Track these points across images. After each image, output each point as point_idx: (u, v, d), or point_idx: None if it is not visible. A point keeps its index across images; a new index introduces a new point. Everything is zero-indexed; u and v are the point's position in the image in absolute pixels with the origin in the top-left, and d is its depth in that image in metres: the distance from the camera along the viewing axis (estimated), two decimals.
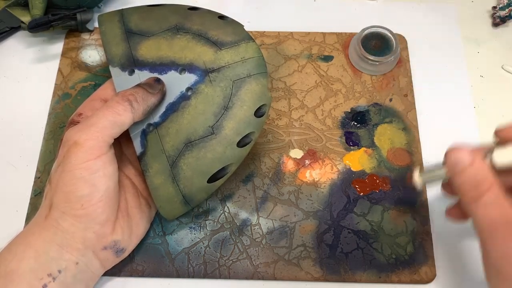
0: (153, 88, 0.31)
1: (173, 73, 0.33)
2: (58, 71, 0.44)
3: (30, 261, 0.27)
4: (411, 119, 0.42)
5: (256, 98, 0.33)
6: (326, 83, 0.43)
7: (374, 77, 0.44)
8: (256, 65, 0.34)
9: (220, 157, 0.33)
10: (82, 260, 0.29)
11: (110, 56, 0.33)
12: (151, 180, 0.32)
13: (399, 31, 0.46)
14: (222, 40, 0.33)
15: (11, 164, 0.40)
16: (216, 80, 0.33)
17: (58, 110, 0.42)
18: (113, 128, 0.29)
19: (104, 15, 0.35)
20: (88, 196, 0.28)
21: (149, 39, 0.33)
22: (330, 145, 0.41)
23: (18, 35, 0.46)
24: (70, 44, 0.45)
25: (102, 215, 0.29)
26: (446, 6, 0.49)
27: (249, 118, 0.33)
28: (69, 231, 0.28)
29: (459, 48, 0.46)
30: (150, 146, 0.32)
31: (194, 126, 0.33)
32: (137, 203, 0.33)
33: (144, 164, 0.32)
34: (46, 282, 0.27)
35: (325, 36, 0.46)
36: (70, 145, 0.28)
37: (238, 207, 0.38)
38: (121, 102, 0.29)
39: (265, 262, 0.36)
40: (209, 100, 0.33)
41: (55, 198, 0.28)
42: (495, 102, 0.44)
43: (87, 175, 0.28)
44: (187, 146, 0.32)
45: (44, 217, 0.29)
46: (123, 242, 0.31)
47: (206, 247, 0.37)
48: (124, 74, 0.33)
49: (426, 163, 0.40)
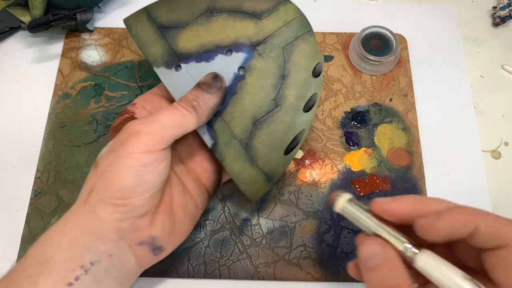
0: (212, 87, 0.30)
1: (220, 57, 0.32)
2: (58, 71, 0.44)
3: (65, 250, 0.27)
4: (411, 119, 0.42)
5: (310, 58, 0.33)
6: (326, 83, 0.43)
7: (374, 77, 0.44)
8: (300, 25, 0.33)
9: (291, 126, 0.32)
10: (116, 253, 0.28)
11: (151, 58, 0.32)
12: (230, 167, 0.32)
13: (399, 31, 0.46)
14: (259, 9, 0.32)
15: (11, 164, 0.40)
16: (265, 52, 0.32)
17: (58, 110, 0.42)
18: (177, 129, 0.29)
19: (130, 18, 0.34)
20: (132, 188, 0.27)
21: (185, 30, 0.32)
22: (330, 145, 0.41)
23: (18, 35, 0.46)
24: (70, 44, 0.45)
25: (141, 208, 0.28)
26: (446, 6, 0.49)
27: (308, 81, 0.33)
28: (105, 220, 0.27)
29: (459, 48, 0.46)
30: (220, 135, 0.32)
31: (257, 104, 0.32)
32: (182, 201, 0.32)
33: (219, 154, 0.32)
34: (78, 274, 0.26)
35: (325, 36, 0.46)
36: (131, 133, 0.28)
37: (238, 207, 0.38)
38: (186, 107, 0.29)
39: (265, 262, 0.36)
40: (264, 74, 0.32)
41: (98, 183, 0.28)
42: (495, 102, 0.44)
43: (137, 166, 0.27)
44: (256, 125, 0.32)
45: (83, 202, 0.28)
46: (162, 239, 0.30)
47: (206, 247, 0.37)
48: (171, 71, 0.32)
49: (425, 162, 0.40)
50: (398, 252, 0.22)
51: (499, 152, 0.42)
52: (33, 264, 0.27)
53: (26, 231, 0.37)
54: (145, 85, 0.43)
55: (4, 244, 0.37)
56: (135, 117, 0.32)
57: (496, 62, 0.46)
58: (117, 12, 0.47)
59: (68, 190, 0.38)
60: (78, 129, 0.41)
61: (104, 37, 0.45)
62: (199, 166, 0.34)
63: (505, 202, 0.39)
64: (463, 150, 0.41)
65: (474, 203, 0.39)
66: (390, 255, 0.22)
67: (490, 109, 0.43)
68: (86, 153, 0.40)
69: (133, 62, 0.44)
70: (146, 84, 0.43)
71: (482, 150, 0.42)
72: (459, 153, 0.41)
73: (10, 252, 0.36)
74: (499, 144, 0.42)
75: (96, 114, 0.42)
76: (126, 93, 0.43)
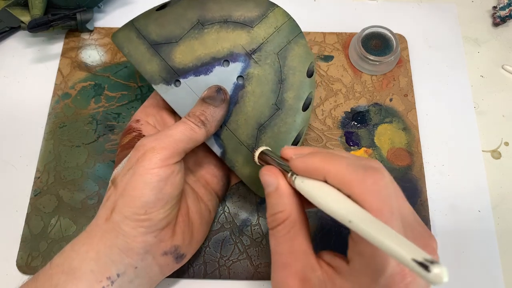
0: (216, 100, 0.32)
1: (218, 68, 0.33)
2: (58, 71, 0.44)
3: (91, 262, 0.28)
4: (411, 119, 0.42)
5: (303, 60, 0.34)
6: (326, 83, 0.43)
7: (374, 77, 0.44)
8: (290, 29, 0.34)
9: (292, 126, 0.34)
10: (141, 264, 0.29)
11: (148, 76, 0.33)
12: (240, 173, 0.34)
13: (399, 31, 0.46)
14: (249, 17, 0.33)
15: (11, 164, 0.40)
16: (261, 60, 0.33)
17: (58, 110, 0.42)
18: (188, 143, 0.30)
19: (118, 36, 0.33)
20: (153, 202, 0.28)
21: (179, 45, 0.33)
22: (330, 145, 0.41)
23: (18, 35, 0.46)
24: (70, 44, 0.45)
25: (163, 221, 0.29)
26: (446, 6, 0.48)
27: (303, 81, 0.34)
28: (130, 235, 0.28)
29: (459, 48, 0.46)
30: (227, 143, 0.33)
31: (259, 110, 0.33)
32: (197, 208, 0.33)
33: (229, 161, 0.33)
34: (104, 285, 0.27)
35: (325, 36, 0.46)
36: (147, 150, 0.29)
37: (238, 207, 0.38)
38: (195, 122, 0.31)
39: (265, 262, 0.36)
40: (263, 81, 0.33)
41: (120, 201, 0.29)
42: (495, 102, 0.44)
43: (155, 181, 0.28)
44: (260, 130, 0.33)
45: (105, 219, 0.29)
46: (184, 247, 0.31)
47: (206, 247, 0.37)
48: (170, 88, 0.33)
49: (425, 162, 0.40)
50: (288, 182, 0.27)
51: (499, 152, 0.42)
52: (60, 273, 0.27)
53: (26, 231, 0.37)
54: (144, 85, 0.43)
55: (4, 244, 0.37)
56: (142, 134, 0.33)
57: (496, 62, 0.46)
58: (117, 12, 0.47)
59: (68, 190, 0.38)
60: (78, 129, 0.41)
61: (104, 37, 0.45)
62: (208, 173, 0.36)
63: (505, 202, 0.39)
64: (463, 150, 0.41)
65: (474, 203, 0.39)
66: (281, 185, 0.26)
67: (490, 109, 0.43)
68: (86, 153, 0.40)
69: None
70: (146, 84, 0.43)
71: (482, 150, 0.42)
72: (459, 153, 0.41)
73: (10, 252, 0.36)
74: (499, 144, 0.42)
75: (96, 114, 0.42)
76: (126, 93, 0.43)
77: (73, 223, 0.37)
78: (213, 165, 0.36)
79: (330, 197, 0.23)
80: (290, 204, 0.26)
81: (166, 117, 0.36)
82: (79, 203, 0.38)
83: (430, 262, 0.16)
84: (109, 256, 0.28)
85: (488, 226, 0.38)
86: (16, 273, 0.36)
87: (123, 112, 0.42)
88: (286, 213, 0.26)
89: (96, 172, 0.39)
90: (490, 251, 0.38)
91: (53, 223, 0.37)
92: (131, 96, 0.42)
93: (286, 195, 0.27)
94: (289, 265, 0.26)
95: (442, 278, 0.16)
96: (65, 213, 0.38)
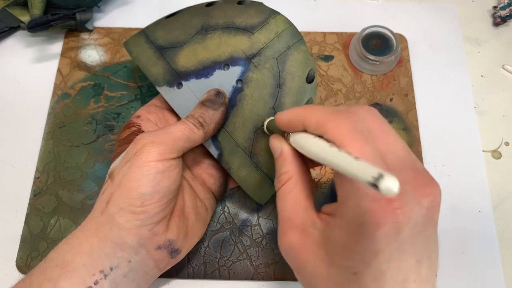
0: (215, 103, 0.32)
1: (218, 72, 0.33)
2: (57, 71, 0.43)
3: (84, 255, 0.28)
4: (411, 119, 0.42)
5: (302, 66, 0.34)
6: (327, 83, 0.43)
7: (375, 77, 0.44)
8: (291, 35, 0.34)
9: None
10: (135, 258, 0.29)
11: (153, 78, 0.34)
12: (236, 175, 0.34)
13: (399, 31, 0.46)
14: (250, 23, 0.34)
15: (11, 164, 0.40)
16: (260, 64, 0.33)
17: (58, 110, 0.42)
18: (186, 142, 0.30)
19: (129, 42, 0.35)
20: (150, 194, 0.28)
21: (183, 49, 0.34)
22: None
23: (18, 35, 0.46)
24: (70, 43, 0.45)
25: (159, 214, 0.29)
26: (446, 6, 0.48)
27: (303, 87, 0.34)
28: (125, 227, 0.28)
29: (459, 47, 0.46)
30: (224, 145, 0.33)
31: (256, 113, 0.33)
32: (194, 204, 0.33)
33: (225, 163, 0.33)
34: (97, 278, 0.28)
35: (325, 35, 0.46)
36: (145, 143, 0.29)
37: (238, 207, 0.38)
38: (194, 123, 0.31)
39: (265, 263, 0.36)
40: (261, 85, 0.33)
41: (116, 193, 0.29)
42: (495, 102, 0.44)
43: (153, 173, 0.28)
44: (257, 133, 0.34)
45: (100, 212, 0.29)
46: (178, 242, 0.31)
47: (206, 248, 0.37)
48: (173, 90, 0.33)
49: (426, 162, 0.40)
50: (290, 146, 0.28)
51: (500, 152, 0.42)
52: (53, 267, 0.27)
53: (25, 231, 0.37)
54: (144, 85, 0.43)
55: (4, 244, 0.37)
56: (142, 129, 0.33)
57: (497, 62, 0.46)
58: (116, 12, 0.47)
59: (68, 190, 0.38)
60: (77, 129, 0.41)
61: (104, 36, 0.45)
62: (205, 172, 0.36)
63: (506, 202, 0.39)
64: (464, 150, 0.41)
65: (474, 203, 0.39)
66: (284, 148, 0.28)
67: (490, 109, 0.43)
68: (85, 153, 0.40)
69: (133, 62, 0.44)
70: (145, 84, 0.43)
71: (483, 150, 0.42)
72: (460, 153, 0.41)
73: (9, 252, 0.36)
74: (500, 144, 0.42)
75: (95, 114, 0.41)
76: (125, 93, 0.42)
77: (72, 223, 0.37)
78: (211, 166, 0.36)
79: (309, 141, 0.25)
80: (293, 166, 0.28)
81: (168, 115, 0.36)
82: (78, 203, 0.38)
83: (377, 178, 0.16)
84: (102, 250, 0.28)
85: (488, 226, 0.38)
86: (16, 273, 0.36)
87: (123, 112, 0.42)
88: (289, 174, 0.28)
89: (95, 172, 0.39)
90: (491, 251, 0.37)
91: (52, 223, 0.37)
92: (130, 96, 0.42)
93: (289, 157, 0.28)
94: (290, 220, 0.27)
95: (392, 189, 0.16)
96: (64, 213, 0.38)
